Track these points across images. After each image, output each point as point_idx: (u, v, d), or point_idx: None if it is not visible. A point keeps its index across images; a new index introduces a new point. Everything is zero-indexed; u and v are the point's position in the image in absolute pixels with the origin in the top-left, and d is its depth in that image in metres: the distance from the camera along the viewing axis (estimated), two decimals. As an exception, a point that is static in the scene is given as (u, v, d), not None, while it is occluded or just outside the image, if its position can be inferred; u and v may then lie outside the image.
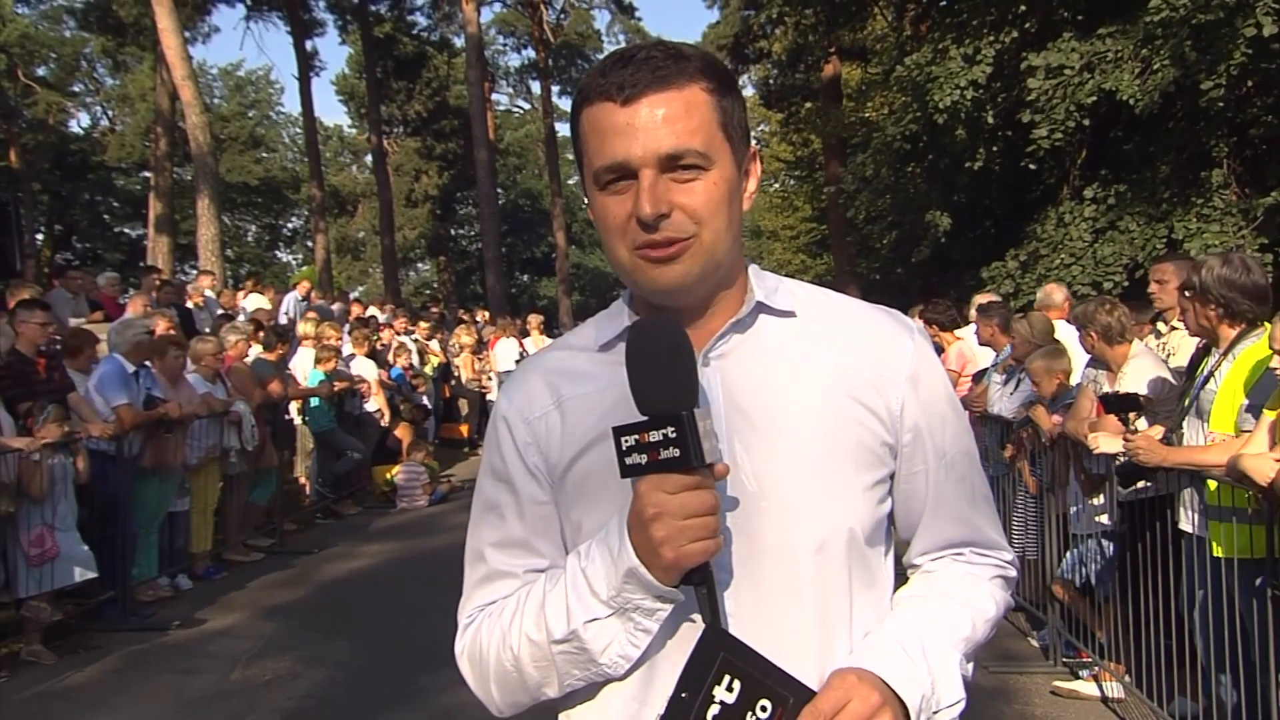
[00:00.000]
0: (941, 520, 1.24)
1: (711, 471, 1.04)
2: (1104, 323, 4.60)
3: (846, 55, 22.93)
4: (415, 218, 41.36)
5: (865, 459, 1.16)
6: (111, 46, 32.98)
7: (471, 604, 1.23)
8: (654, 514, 1.03)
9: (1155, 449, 3.78)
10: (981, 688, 4.80)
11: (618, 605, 1.08)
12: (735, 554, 1.11)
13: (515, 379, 1.27)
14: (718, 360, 1.17)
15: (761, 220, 41.35)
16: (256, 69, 49.51)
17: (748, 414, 1.14)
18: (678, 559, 1.03)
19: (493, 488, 1.23)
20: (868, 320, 1.23)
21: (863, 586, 1.17)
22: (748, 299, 1.19)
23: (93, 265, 28.35)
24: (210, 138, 18.92)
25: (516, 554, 1.21)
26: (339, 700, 4.82)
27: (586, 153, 1.14)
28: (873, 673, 1.08)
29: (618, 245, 1.13)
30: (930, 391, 1.21)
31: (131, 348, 6.75)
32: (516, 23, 38.00)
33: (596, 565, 1.09)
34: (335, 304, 15.94)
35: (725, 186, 1.13)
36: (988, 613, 1.22)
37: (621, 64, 1.11)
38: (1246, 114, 10.61)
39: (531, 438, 1.20)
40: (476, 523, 1.25)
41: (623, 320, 1.21)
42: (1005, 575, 1.27)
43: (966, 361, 7.21)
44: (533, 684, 1.15)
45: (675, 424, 1.02)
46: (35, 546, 5.37)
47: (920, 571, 1.27)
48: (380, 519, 9.80)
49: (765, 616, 1.12)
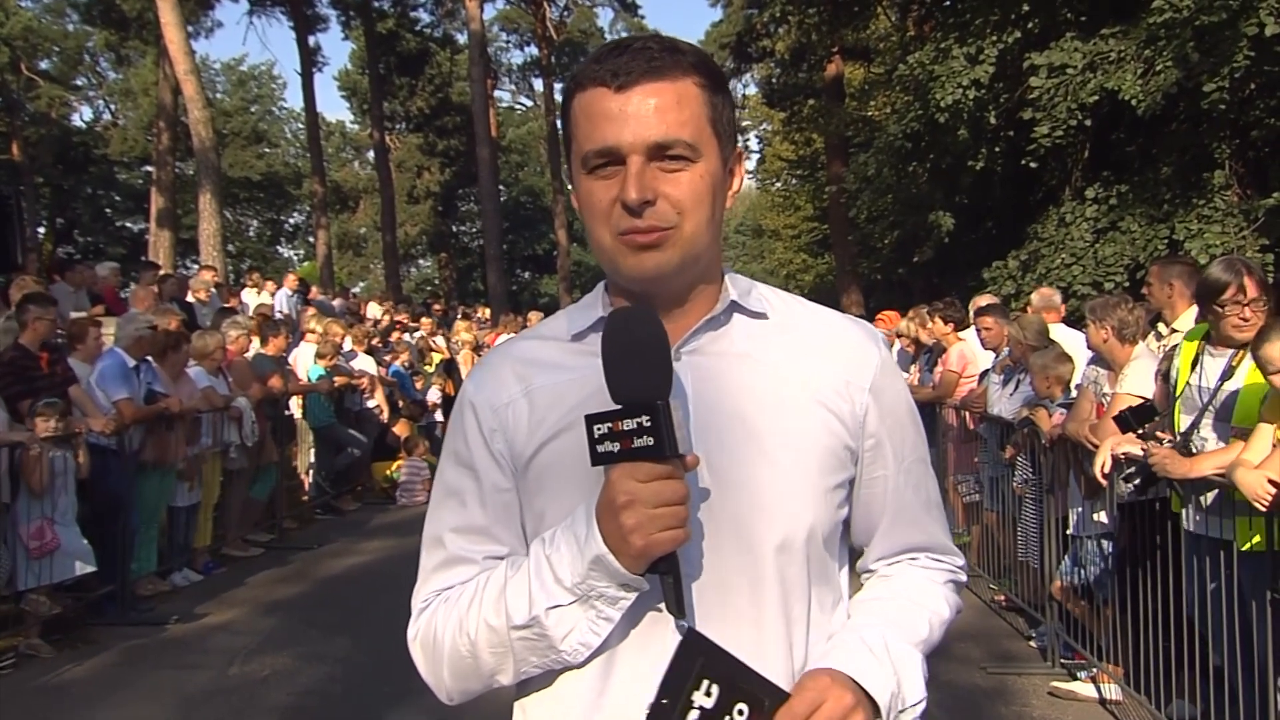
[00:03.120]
0: (899, 526, 1.27)
1: (683, 462, 1.06)
2: (1121, 318, 4.59)
3: (849, 54, 22.92)
4: (417, 214, 41.36)
5: (829, 462, 1.18)
6: (114, 41, 32.99)
7: (427, 588, 1.23)
8: (626, 501, 1.03)
9: (1178, 461, 3.69)
10: (979, 688, 4.81)
11: (581, 592, 1.08)
12: (699, 547, 1.12)
13: (483, 366, 1.27)
14: (689, 355, 1.18)
15: (763, 219, 41.34)
16: (259, 64, 49.67)
17: (716, 410, 1.16)
18: (647, 547, 1.04)
19: (455, 473, 1.23)
20: (836, 327, 1.25)
21: (820, 586, 1.19)
22: (722, 297, 1.21)
23: (94, 259, 28.31)
24: (212, 132, 18.91)
25: (476, 540, 1.20)
26: (338, 696, 4.83)
27: (576, 137, 1.15)
28: (844, 673, 1.10)
29: (601, 230, 1.14)
30: (893, 400, 1.24)
31: (133, 342, 6.75)
32: (519, 19, 37.99)
33: (561, 552, 1.10)
34: (336, 300, 15.94)
35: (710, 180, 1.14)
36: (942, 614, 1.26)
37: (617, 52, 1.13)
38: (1249, 116, 10.61)
39: (498, 424, 1.20)
40: (436, 507, 1.25)
41: (597, 310, 1.22)
42: (957, 580, 1.31)
43: (968, 362, 7.21)
44: (487, 670, 1.15)
45: (650, 413, 1.03)
46: (35, 539, 5.38)
47: (877, 575, 1.29)
48: (380, 515, 9.81)
49: (728, 609, 1.13)
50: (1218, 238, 9.99)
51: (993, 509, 6.29)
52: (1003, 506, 6.07)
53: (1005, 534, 5.99)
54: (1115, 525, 4.52)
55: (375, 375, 10.85)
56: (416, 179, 40.92)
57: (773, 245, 40.28)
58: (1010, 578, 6.02)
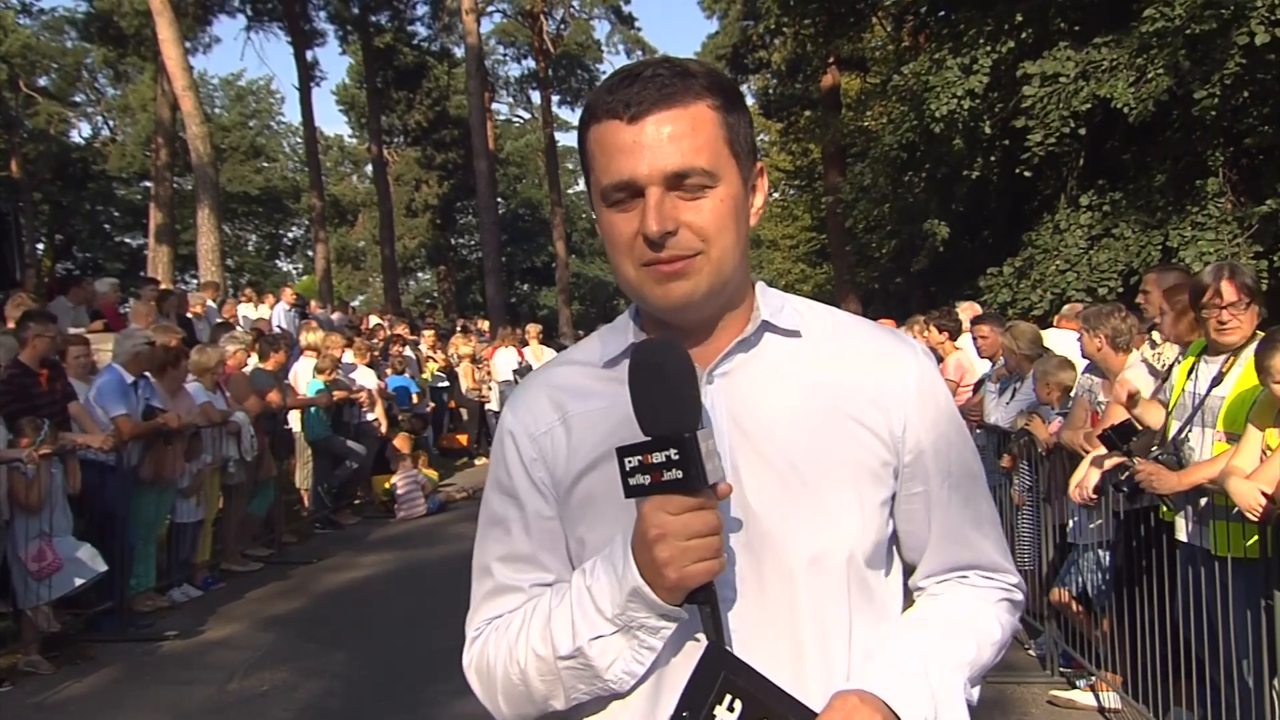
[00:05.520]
0: (945, 543, 1.23)
1: (715, 492, 1.05)
2: (1115, 326, 4.60)
3: (845, 65, 23.01)
4: (415, 227, 41.41)
5: (865, 479, 1.16)
6: (113, 57, 33.10)
7: (479, 617, 1.24)
8: (657, 535, 1.03)
9: (1165, 476, 3.69)
10: (979, 697, 4.80)
11: (622, 623, 1.09)
12: (737, 573, 1.12)
13: (520, 394, 1.27)
14: (721, 379, 1.17)
15: (761, 230, 41.31)
16: (257, 79, 49.68)
17: (750, 433, 1.15)
18: (681, 579, 1.04)
19: (499, 502, 1.24)
20: (872, 339, 1.22)
21: (862, 607, 1.17)
22: (753, 317, 1.19)
23: (94, 275, 28.34)
24: (211, 148, 18.95)
25: (522, 568, 1.22)
26: (336, 711, 4.82)
27: (594, 169, 1.14)
28: (875, 694, 1.08)
29: (624, 262, 1.13)
30: (934, 412, 1.20)
31: (131, 358, 6.76)
32: (516, 33, 38.11)
33: (601, 583, 1.10)
34: (335, 314, 15.95)
35: (732, 203, 1.13)
36: (993, 636, 1.21)
37: (628, 81, 1.12)
38: (1242, 124, 10.67)
39: (537, 453, 1.21)
40: (483, 537, 1.26)
41: (628, 336, 1.21)
42: (1011, 599, 1.26)
43: (965, 371, 7.23)
44: (539, 697, 1.16)
45: (678, 446, 1.02)
46: (36, 561, 5.37)
47: (925, 594, 1.26)
48: (379, 529, 9.79)
49: (767, 634, 1.12)
50: (1211, 245, 10.05)
51: (991, 517, 6.28)
52: (1001, 515, 6.07)
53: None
54: (1113, 534, 4.52)
55: (375, 389, 10.85)
56: (415, 192, 40.99)
57: (771, 255, 40.33)
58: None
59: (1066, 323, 6.59)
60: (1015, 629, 1.26)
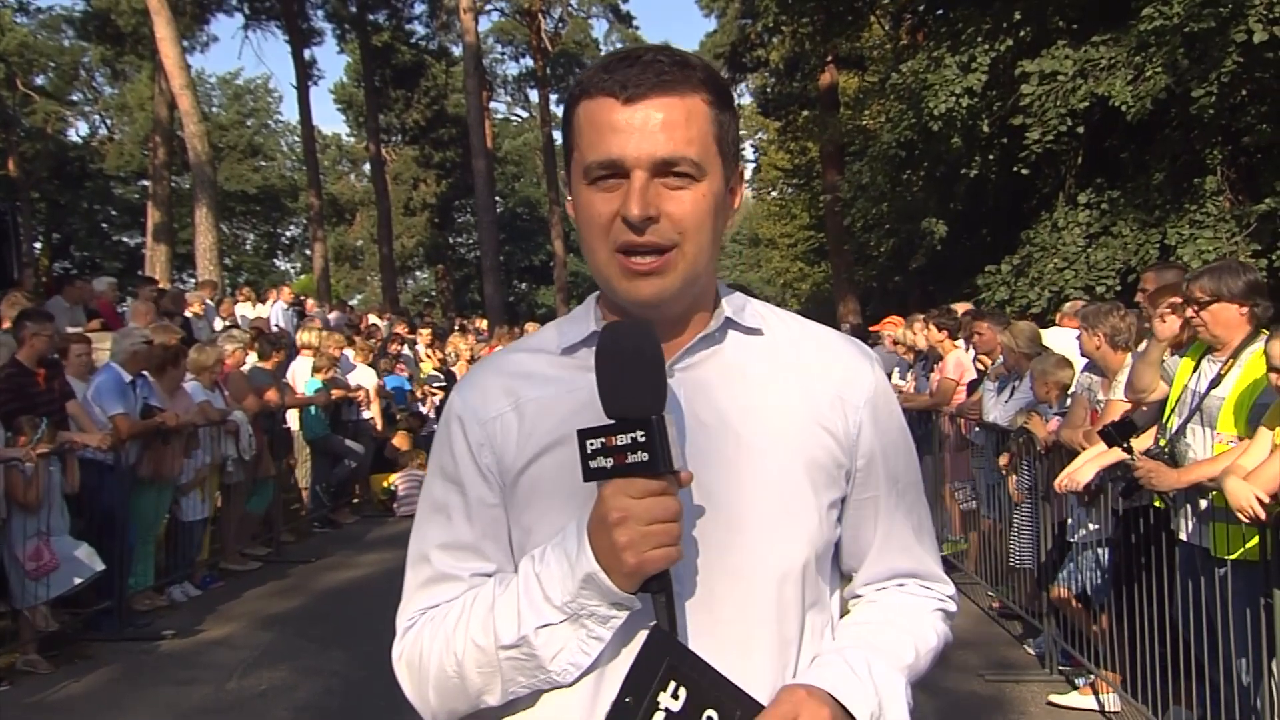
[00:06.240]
0: (889, 551, 1.24)
1: (677, 478, 1.04)
2: (1114, 325, 4.60)
3: (843, 63, 23.02)
4: (413, 226, 41.40)
5: (821, 480, 1.16)
6: (110, 55, 33.10)
7: (413, 607, 1.21)
8: (619, 518, 1.01)
9: (1165, 473, 3.70)
10: (978, 696, 4.81)
11: (572, 611, 1.06)
12: (690, 565, 1.10)
13: (470, 379, 1.25)
14: (683, 372, 1.16)
15: (759, 228, 41.41)
16: (255, 78, 49.62)
17: (710, 428, 1.14)
18: (640, 565, 1.02)
19: (442, 489, 1.20)
20: (830, 345, 1.23)
21: (812, 605, 1.17)
22: (717, 314, 1.19)
23: (91, 274, 28.34)
24: (208, 146, 18.94)
25: (463, 557, 1.18)
26: (335, 710, 4.82)
27: (579, 145, 1.12)
28: (822, 689, 1.08)
29: (598, 243, 1.12)
30: (887, 419, 1.22)
31: (129, 357, 6.75)
32: (514, 31, 38.13)
33: (552, 569, 1.07)
34: (333, 312, 15.93)
35: (712, 200, 1.12)
36: (930, 643, 1.22)
37: (627, 63, 1.11)
38: (1240, 122, 10.67)
39: (485, 438, 1.17)
40: (422, 523, 1.22)
41: (589, 324, 1.19)
42: (946, 609, 1.27)
43: (964, 370, 7.23)
44: (474, 691, 1.13)
45: (644, 428, 1.01)
46: (33, 560, 5.36)
47: (864, 600, 1.26)
48: (377, 528, 9.79)
49: (720, 629, 1.11)
50: (1209, 243, 10.06)
51: (989, 516, 6.29)
52: (999, 513, 6.08)
53: (1002, 541, 6.00)
54: (1112, 532, 4.53)
55: (373, 388, 10.84)
56: (413, 191, 40.98)
57: (769, 254, 40.37)
58: (1007, 584, 6.03)
59: (1068, 321, 6.59)
60: (949, 639, 1.27)
